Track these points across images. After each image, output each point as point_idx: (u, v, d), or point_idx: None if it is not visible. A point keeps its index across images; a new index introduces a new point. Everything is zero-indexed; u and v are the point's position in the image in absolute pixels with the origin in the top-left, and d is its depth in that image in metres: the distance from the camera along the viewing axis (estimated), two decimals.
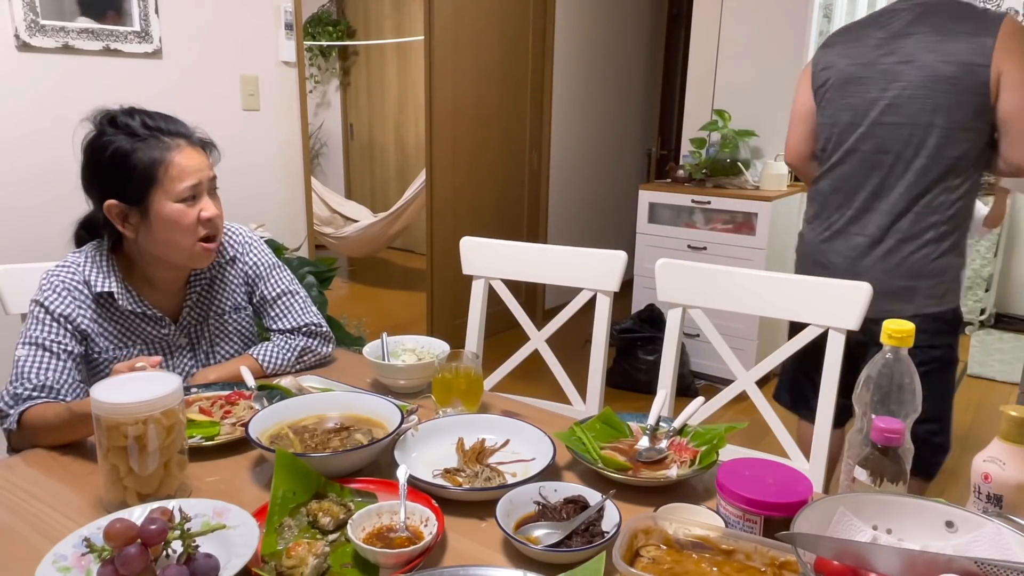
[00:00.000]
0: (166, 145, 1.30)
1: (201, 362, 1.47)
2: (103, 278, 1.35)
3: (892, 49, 1.73)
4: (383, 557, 0.87)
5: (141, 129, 1.30)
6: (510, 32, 4.08)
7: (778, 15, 3.65)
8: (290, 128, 2.93)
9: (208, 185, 1.37)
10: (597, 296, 1.69)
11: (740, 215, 3.52)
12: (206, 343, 1.48)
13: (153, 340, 1.42)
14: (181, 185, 1.31)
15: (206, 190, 1.36)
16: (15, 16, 2.13)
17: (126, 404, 0.98)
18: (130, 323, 1.39)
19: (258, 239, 1.58)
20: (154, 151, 1.30)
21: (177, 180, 1.30)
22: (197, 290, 1.46)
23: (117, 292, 1.35)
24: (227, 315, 1.50)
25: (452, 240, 2.74)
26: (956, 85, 1.65)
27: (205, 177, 1.35)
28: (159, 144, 1.30)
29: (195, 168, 1.33)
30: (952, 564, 0.73)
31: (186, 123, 1.38)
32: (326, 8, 6.17)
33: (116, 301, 1.36)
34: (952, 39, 1.66)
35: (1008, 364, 3.92)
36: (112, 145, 1.29)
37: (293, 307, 1.55)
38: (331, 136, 6.63)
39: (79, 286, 1.34)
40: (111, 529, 0.81)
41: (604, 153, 5.06)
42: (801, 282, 1.49)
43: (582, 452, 1.13)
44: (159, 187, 1.30)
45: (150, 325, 1.41)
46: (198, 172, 1.33)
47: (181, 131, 1.35)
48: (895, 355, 0.94)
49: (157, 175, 1.29)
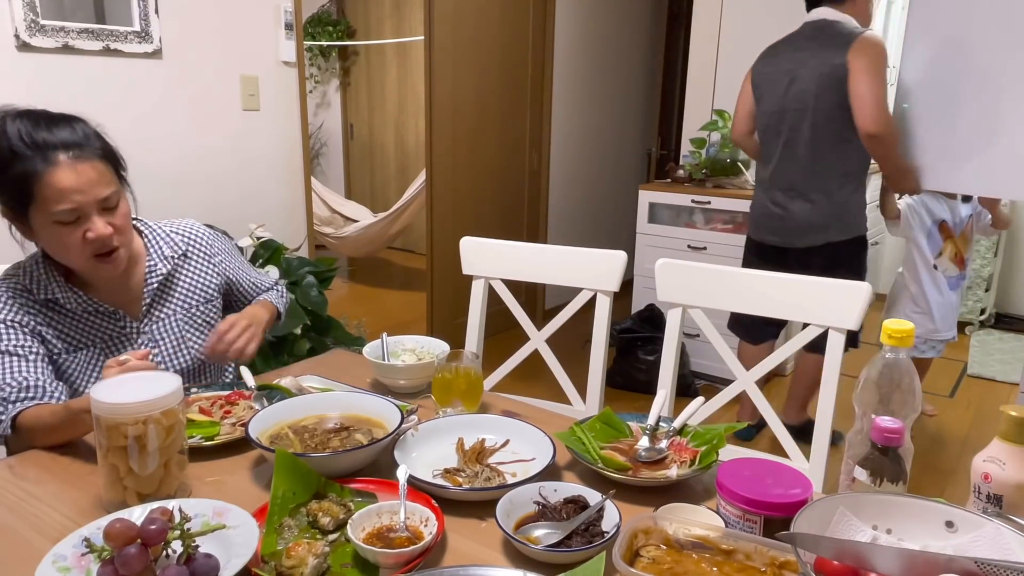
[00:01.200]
0: (46, 160, 1.20)
1: (168, 356, 1.44)
2: (43, 286, 1.32)
3: (793, 59, 2.57)
4: (383, 557, 0.87)
5: (17, 142, 1.20)
6: (510, 32, 4.08)
7: (778, 15, 3.63)
8: (290, 128, 2.93)
9: (98, 205, 1.25)
10: (597, 296, 1.69)
11: (740, 215, 3.51)
12: (174, 336, 1.45)
13: (111, 336, 1.39)
14: (56, 207, 1.21)
15: (94, 211, 1.24)
16: (15, 16, 2.13)
17: (126, 404, 0.98)
18: (84, 322, 1.36)
19: (207, 231, 1.56)
20: (30, 166, 1.19)
21: (52, 202, 1.20)
22: (155, 285, 1.43)
23: (62, 297, 1.33)
24: (195, 308, 1.49)
25: (452, 240, 2.74)
26: (827, 78, 2.46)
27: (90, 199, 1.23)
28: (38, 158, 1.20)
29: (75, 189, 1.21)
30: (952, 564, 0.73)
31: (80, 128, 1.26)
32: (326, 8, 6.17)
33: (63, 305, 1.33)
34: (826, 50, 2.47)
35: (1008, 364, 3.92)
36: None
37: (259, 277, 1.67)
38: (331, 136, 6.63)
39: (23, 293, 1.31)
40: (111, 529, 0.81)
41: (604, 153, 5.06)
42: (801, 282, 1.49)
43: (582, 452, 1.13)
44: (35, 205, 1.22)
45: (105, 321, 1.38)
46: (78, 193, 1.21)
47: (67, 140, 1.22)
48: (895, 355, 0.94)
49: (32, 192, 1.20)
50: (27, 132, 1.21)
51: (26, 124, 1.22)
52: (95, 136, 1.29)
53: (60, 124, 1.25)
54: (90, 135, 1.28)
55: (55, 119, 1.26)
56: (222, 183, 2.73)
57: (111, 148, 1.31)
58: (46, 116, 1.25)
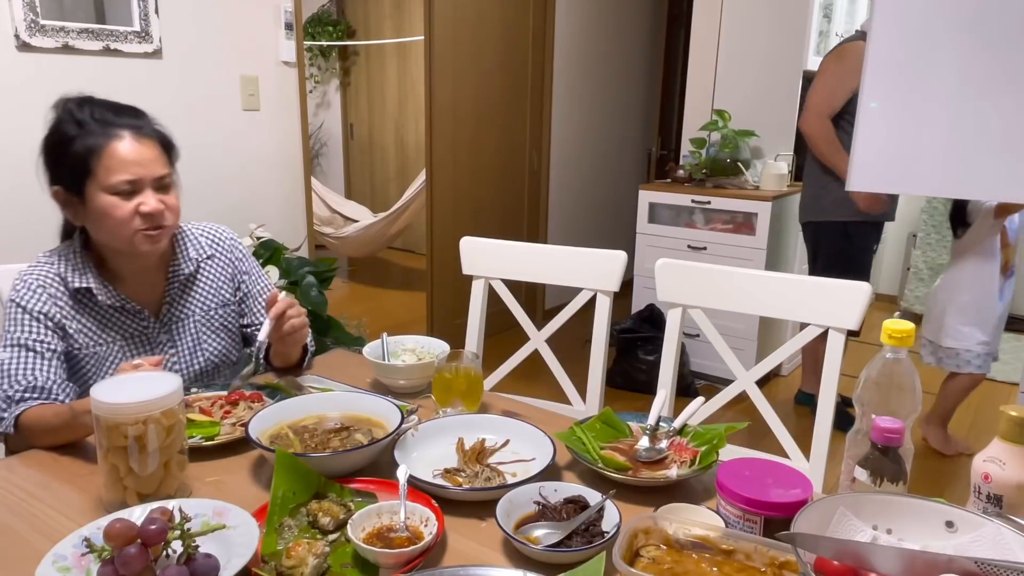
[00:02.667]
0: (108, 135, 1.27)
1: (185, 358, 1.46)
2: (79, 275, 1.35)
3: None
4: (383, 557, 0.87)
5: (87, 118, 1.28)
6: (510, 32, 4.08)
7: (778, 15, 3.64)
8: (290, 128, 2.93)
9: (153, 183, 1.31)
10: (597, 296, 1.69)
11: (740, 215, 3.51)
12: (190, 338, 1.47)
13: (133, 334, 1.41)
14: (115, 178, 1.27)
15: (149, 186, 1.31)
16: (15, 16, 2.13)
17: (126, 404, 0.98)
18: (108, 318, 1.38)
19: (239, 242, 1.58)
20: (93, 139, 1.27)
21: (112, 172, 1.27)
22: (176, 286, 1.45)
23: (95, 287, 1.35)
24: (213, 311, 1.50)
25: (452, 240, 2.74)
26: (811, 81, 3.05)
27: (147, 173, 1.30)
28: (102, 133, 1.27)
29: (134, 161, 1.28)
30: (952, 564, 0.73)
31: (144, 116, 1.35)
32: (326, 8, 6.17)
33: (95, 296, 1.35)
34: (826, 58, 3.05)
35: (1008, 364, 3.91)
36: (58, 132, 1.29)
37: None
38: (331, 136, 6.63)
39: (55, 282, 1.34)
40: (111, 529, 0.81)
41: (604, 153, 5.06)
42: (801, 282, 1.49)
43: (582, 452, 1.13)
44: (93, 177, 1.27)
45: (129, 319, 1.40)
46: (137, 166, 1.28)
47: (131, 123, 1.31)
48: (895, 355, 0.94)
49: (91, 165, 1.27)
50: (93, 112, 1.29)
51: (92, 106, 1.30)
52: (153, 121, 1.37)
53: (123, 110, 1.34)
54: (150, 122, 1.36)
55: (119, 105, 1.34)
56: (222, 183, 2.73)
57: (168, 138, 1.38)
58: (110, 102, 1.34)
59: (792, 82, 3.67)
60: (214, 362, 1.50)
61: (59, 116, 1.31)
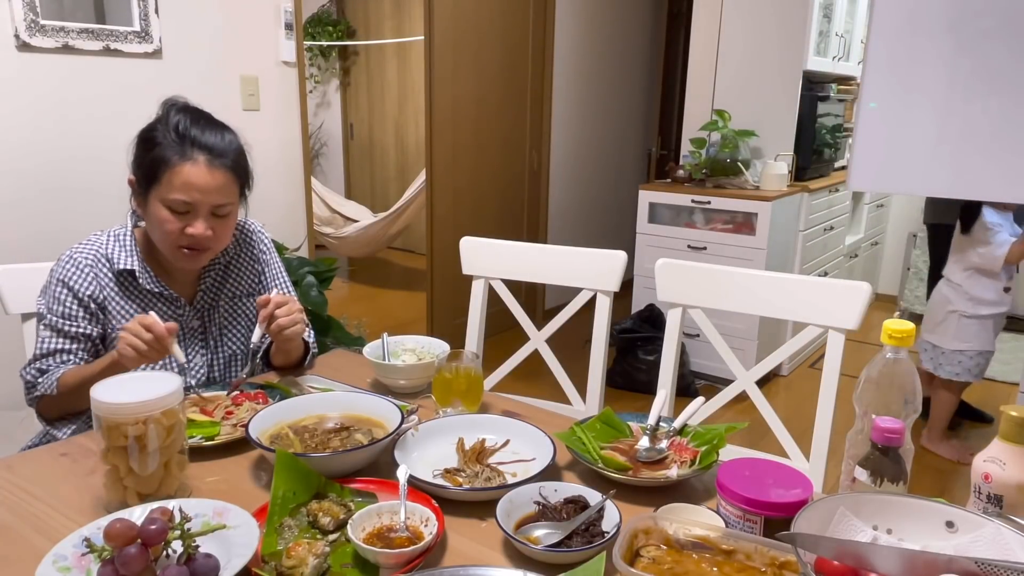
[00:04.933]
0: (184, 154, 1.30)
1: (211, 348, 1.49)
2: (125, 256, 1.39)
3: None
4: (383, 557, 0.87)
5: (175, 129, 1.31)
6: (510, 32, 4.08)
7: (778, 15, 3.64)
8: (290, 128, 2.93)
9: (208, 209, 1.33)
10: (597, 296, 1.69)
11: (740, 215, 3.52)
12: (216, 328, 1.50)
13: (167, 320, 1.42)
14: (175, 195, 1.30)
15: (204, 213, 1.33)
16: (15, 16, 2.13)
17: (126, 404, 0.98)
18: (147, 303, 1.42)
19: (266, 234, 1.61)
20: (170, 152, 1.30)
21: (173, 189, 1.30)
22: (212, 275, 1.49)
23: (139, 271, 1.39)
24: (238, 300, 1.53)
25: (452, 240, 2.74)
26: None
27: (206, 201, 1.32)
28: (179, 150, 1.30)
29: (198, 187, 1.30)
30: (952, 564, 0.73)
31: (231, 141, 1.36)
32: (326, 8, 6.17)
33: (137, 280, 1.39)
34: None
35: (1008, 364, 3.92)
36: (151, 131, 1.33)
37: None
38: (331, 136, 6.63)
39: (100, 261, 1.38)
40: (111, 529, 0.81)
41: (604, 153, 5.06)
42: (801, 282, 1.49)
43: (582, 452, 1.13)
44: (158, 185, 1.31)
45: (166, 306, 1.44)
46: (198, 192, 1.30)
47: (212, 147, 1.32)
48: (895, 355, 0.94)
49: (160, 174, 1.30)
50: (182, 124, 1.32)
51: (185, 118, 1.33)
52: (237, 151, 1.37)
53: (212, 128, 1.35)
54: (233, 148, 1.36)
55: (211, 123, 1.36)
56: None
57: (246, 166, 1.40)
58: (205, 117, 1.37)
59: (792, 82, 3.67)
60: (241, 350, 1.53)
61: (159, 115, 1.35)
